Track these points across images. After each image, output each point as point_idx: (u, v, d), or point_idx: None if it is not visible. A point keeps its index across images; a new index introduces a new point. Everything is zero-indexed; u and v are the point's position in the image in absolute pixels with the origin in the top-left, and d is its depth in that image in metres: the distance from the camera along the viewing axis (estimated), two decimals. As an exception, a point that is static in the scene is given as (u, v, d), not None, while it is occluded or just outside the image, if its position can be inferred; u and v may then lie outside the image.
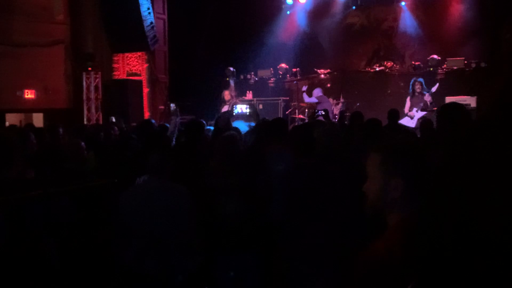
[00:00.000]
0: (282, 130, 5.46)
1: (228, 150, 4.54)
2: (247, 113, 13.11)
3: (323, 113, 10.19)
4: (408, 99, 11.82)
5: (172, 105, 14.04)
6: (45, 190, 3.77)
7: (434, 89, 11.68)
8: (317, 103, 12.38)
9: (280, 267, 4.21)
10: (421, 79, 11.95)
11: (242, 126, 8.72)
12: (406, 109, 11.56)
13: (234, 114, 13.33)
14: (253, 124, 9.19)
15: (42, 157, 5.11)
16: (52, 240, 3.63)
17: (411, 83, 11.90)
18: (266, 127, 5.51)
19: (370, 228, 2.13)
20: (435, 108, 11.76)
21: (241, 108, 13.63)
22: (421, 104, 11.34)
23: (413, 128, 10.28)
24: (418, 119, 10.92)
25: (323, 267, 3.61)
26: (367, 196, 2.05)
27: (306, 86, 13.36)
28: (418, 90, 11.63)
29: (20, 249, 3.36)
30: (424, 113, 11.25)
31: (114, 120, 11.38)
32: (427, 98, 11.44)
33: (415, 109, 11.28)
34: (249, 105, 13.44)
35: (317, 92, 12.58)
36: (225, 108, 12.68)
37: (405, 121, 10.99)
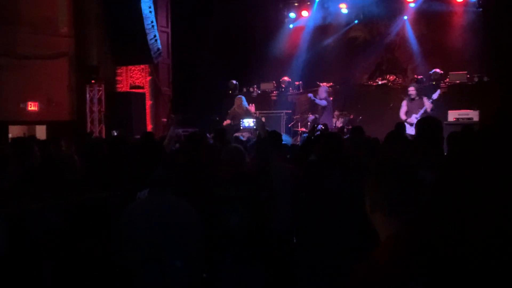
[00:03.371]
0: (278, 143, 5.54)
1: (234, 162, 4.56)
2: (254, 127, 13.14)
3: (323, 127, 10.25)
4: (404, 103, 11.70)
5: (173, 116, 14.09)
6: (48, 201, 3.78)
7: (435, 95, 11.52)
8: (324, 107, 12.44)
9: (286, 278, 4.21)
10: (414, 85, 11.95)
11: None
12: (402, 114, 11.44)
13: (241, 127, 13.38)
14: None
15: (44, 169, 5.12)
16: (49, 253, 3.63)
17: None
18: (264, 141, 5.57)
19: (368, 242, 2.14)
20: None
21: (248, 122, 13.67)
22: (421, 111, 11.21)
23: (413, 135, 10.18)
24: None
25: (332, 278, 3.61)
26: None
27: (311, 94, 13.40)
28: (411, 94, 11.49)
29: (18, 261, 3.36)
30: None
31: (116, 134, 11.37)
32: (428, 104, 11.29)
33: (414, 115, 11.13)
34: (255, 119, 13.48)
35: (323, 90, 12.59)
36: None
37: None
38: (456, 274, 1.74)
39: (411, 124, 10.98)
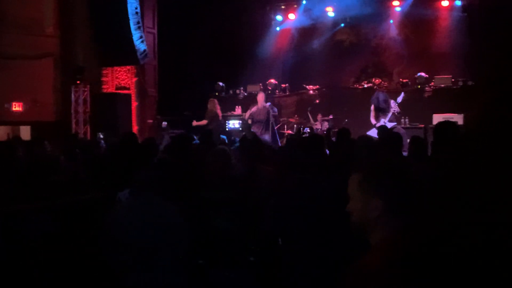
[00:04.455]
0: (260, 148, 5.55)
1: (221, 164, 4.54)
2: (240, 129, 13.17)
3: (308, 130, 10.30)
4: (372, 108, 11.59)
5: (164, 123, 13.98)
6: (35, 203, 3.75)
7: (399, 99, 11.43)
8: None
9: (275, 280, 4.20)
10: (380, 93, 11.85)
11: None
12: (372, 119, 11.37)
13: (227, 129, 13.39)
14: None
15: (29, 170, 5.08)
16: (39, 254, 3.60)
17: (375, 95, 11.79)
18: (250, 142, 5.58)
19: (355, 247, 2.14)
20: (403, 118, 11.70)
21: (234, 124, 13.71)
22: (389, 114, 11.17)
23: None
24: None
25: (323, 281, 3.61)
26: (350, 216, 2.07)
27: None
28: (381, 106, 11.35)
29: (8, 262, 3.34)
30: (393, 123, 11.12)
31: (102, 136, 11.25)
32: (395, 108, 11.25)
33: (382, 120, 11.07)
34: (241, 120, 13.50)
35: (261, 97, 12.12)
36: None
37: (374, 133, 10.79)
38: (450, 277, 1.75)
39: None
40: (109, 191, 4.59)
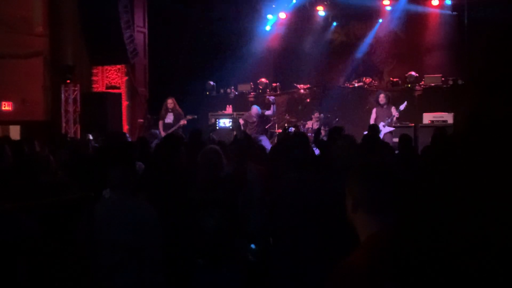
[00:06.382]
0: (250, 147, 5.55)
1: (211, 164, 4.52)
2: (230, 127, 13.19)
3: (294, 129, 10.38)
4: (374, 110, 11.77)
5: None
6: (21, 203, 3.72)
7: (402, 107, 11.53)
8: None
9: (262, 280, 4.19)
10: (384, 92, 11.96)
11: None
12: (372, 121, 11.48)
13: (217, 128, 13.41)
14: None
15: (17, 170, 5.04)
16: (23, 255, 3.57)
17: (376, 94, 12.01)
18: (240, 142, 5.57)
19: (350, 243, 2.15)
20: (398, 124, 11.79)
21: (224, 122, 13.72)
22: (388, 119, 11.27)
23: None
24: (385, 134, 10.93)
25: (309, 280, 3.61)
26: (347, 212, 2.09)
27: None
28: (381, 102, 11.52)
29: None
30: (391, 128, 11.19)
31: (91, 137, 11.12)
32: (394, 113, 11.35)
33: (382, 123, 11.14)
34: (232, 119, 13.51)
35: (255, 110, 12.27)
36: (169, 117, 12.66)
37: None
38: (434, 276, 1.75)
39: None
40: (97, 192, 4.56)
